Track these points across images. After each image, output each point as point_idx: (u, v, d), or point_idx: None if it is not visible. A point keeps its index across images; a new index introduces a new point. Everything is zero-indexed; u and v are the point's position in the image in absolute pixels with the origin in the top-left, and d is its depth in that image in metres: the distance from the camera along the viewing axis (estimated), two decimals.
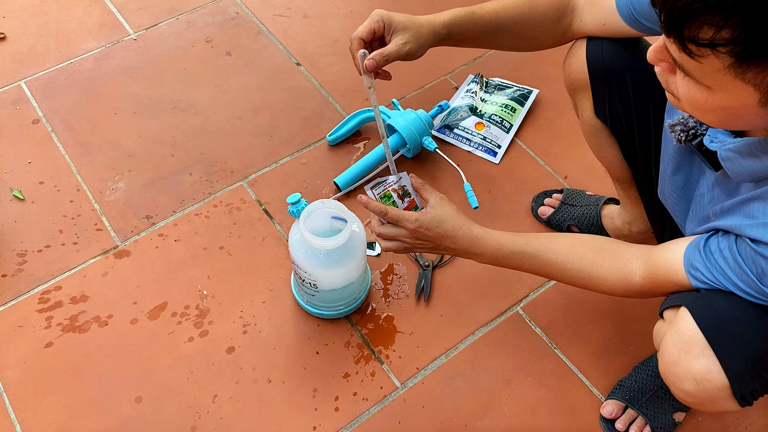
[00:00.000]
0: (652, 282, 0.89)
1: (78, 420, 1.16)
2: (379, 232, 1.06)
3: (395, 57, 1.01)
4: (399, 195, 1.06)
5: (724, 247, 0.78)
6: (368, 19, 1.01)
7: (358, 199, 1.04)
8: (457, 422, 1.17)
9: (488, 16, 1.05)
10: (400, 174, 1.07)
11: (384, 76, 1.04)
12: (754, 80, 0.63)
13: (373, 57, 0.99)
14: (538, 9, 1.04)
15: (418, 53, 1.03)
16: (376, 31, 1.01)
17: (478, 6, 1.06)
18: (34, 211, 1.41)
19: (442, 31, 1.04)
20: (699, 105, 0.70)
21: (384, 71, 1.04)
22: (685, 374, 0.79)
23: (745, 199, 0.77)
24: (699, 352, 0.77)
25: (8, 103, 1.59)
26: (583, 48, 1.07)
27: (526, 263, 1.00)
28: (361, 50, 1.00)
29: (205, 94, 1.63)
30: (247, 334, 1.26)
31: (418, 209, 1.07)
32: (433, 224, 1.01)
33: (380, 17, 1.00)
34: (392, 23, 1.00)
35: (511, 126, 1.57)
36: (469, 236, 1.01)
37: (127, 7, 1.81)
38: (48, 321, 1.26)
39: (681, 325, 0.79)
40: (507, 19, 1.05)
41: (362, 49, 1.00)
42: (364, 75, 1.01)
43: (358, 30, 1.01)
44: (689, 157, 0.93)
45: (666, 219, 1.09)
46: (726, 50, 0.61)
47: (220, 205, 1.43)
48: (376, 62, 0.99)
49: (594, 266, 0.94)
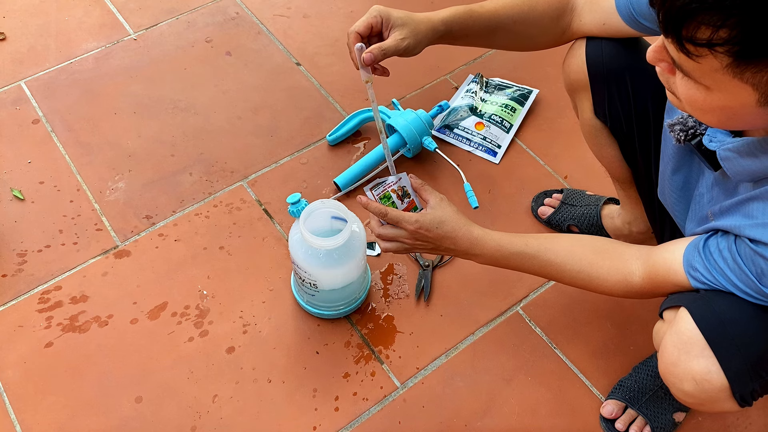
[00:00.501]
0: (651, 282, 0.89)
1: (78, 420, 1.16)
2: (378, 233, 1.06)
3: (393, 52, 0.99)
4: (398, 195, 1.06)
5: (724, 247, 0.78)
6: (366, 15, 1.00)
7: (358, 200, 1.04)
8: (457, 422, 1.17)
9: (487, 14, 1.04)
10: (400, 174, 1.07)
11: (382, 72, 1.03)
12: (752, 80, 0.63)
13: (371, 51, 0.98)
14: (538, 8, 1.04)
15: (416, 49, 1.02)
16: (374, 26, 1.00)
17: (478, 4, 1.05)
18: (34, 211, 1.41)
19: (440, 28, 1.03)
20: (698, 105, 0.70)
21: (382, 67, 1.02)
22: (684, 375, 0.79)
23: (744, 199, 0.77)
24: (698, 353, 0.77)
25: (8, 103, 1.59)
26: (583, 48, 1.07)
27: (526, 264, 1.00)
28: (358, 44, 0.98)
29: (205, 94, 1.63)
30: (247, 334, 1.26)
31: (418, 210, 1.07)
32: (433, 225, 1.01)
33: (378, 12, 1.00)
34: (390, 19, 1.00)
35: (511, 126, 1.57)
36: (469, 237, 1.01)
37: (127, 7, 1.81)
38: (48, 321, 1.26)
39: (680, 326, 0.79)
40: (506, 18, 1.05)
41: (359, 42, 0.99)
42: (362, 69, 1.00)
43: (355, 24, 1.00)
44: (689, 156, 0.93)
45: (666, 219, 1.09)
46: (724, 50, 0.61)
47: (220, 205, 1.43)
48: (373, 56, 0.98)
49: (593, 267, 0.94)
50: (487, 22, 1.05)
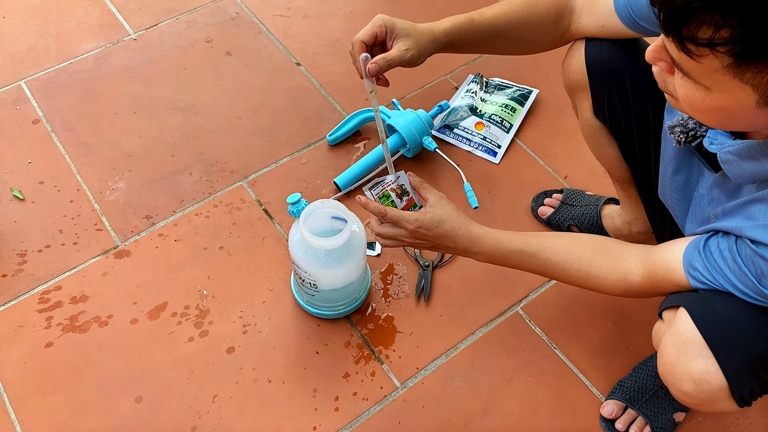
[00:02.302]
0: (651, 282, 0.89)
1: (78, 420, 1.16)
2: (378, 232, 1.06)
3: (398, 63, 1.00)
4: (397, 194, 1.06)
5: (724, 248, 0.78)
6: (371, 23, 1.00)
7: (357, 200, 1.04)
8: (457, 422, 1.17)
9: (487, 22, 1.05)
10: (398, 173, 1.07)
11: (383, 82, 1.04)
12: (752, 80, 0.63)
13: (376, 61, 0.98)
14: (537, 12, 1.04)
15: (419, 60, 1.03)
16: (378, 35, 1.00)
17: (477, 12, 1.06)
18: (34, 211, 1.41)
19: (442, 39, 1.04)
20: (697, 105, 0.70)
21: (383, 77, 1.03)
22: (683, 375, 0.79)
23: (746, 201, 0.77)
24: (697, 353, 0.77)
25: (8, 103, 1.59)
26: (582, 49, 1.07)
27: (525, 262, 1.00)
28: (363, 54, 0.99)
29: (205, 94, 1.63)
30: (247, 334, 1.26)
31: (417, 207, 1.07)
32: (433, 224, 1.01)
33: (383, 22, 1.00)
34: (395, 29, 1.00)
35: (511, 126, 1.57)
36: (469, 236, 1.01)
37: (127, 7, 1.81)
38: (48, 321, 1.26)
39: (679, 326, 0.79)
40: (506, 24, 1.05)
41: (364, 52, 0.99)
42: (366, 79, 1.01)
43: (360, 33, 1.00)
44: (689, 158, 0.93)
45: (666, 219, 1.09)
46: (725, 50, 0.61)
47: (220, 205, 1.43)
48: (379, 67, 0.98)
49: (593, 266, 0.95)
50: (487, 30, 1.05)
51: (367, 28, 1.00)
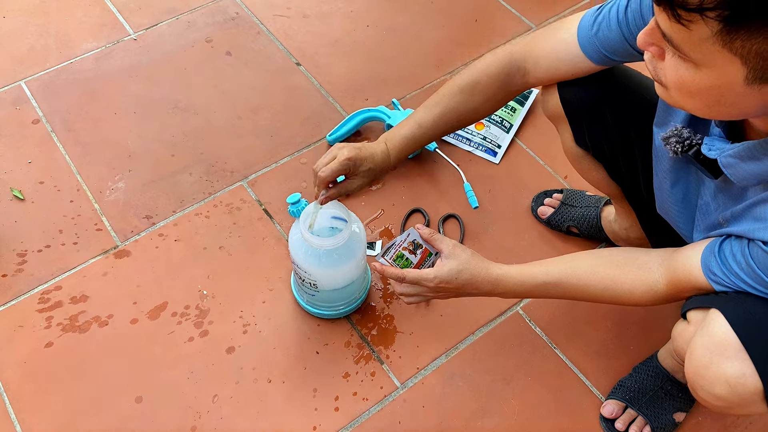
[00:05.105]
0: (675, 288, 0.88)
1: (78, 420, 1.16)
2: (401, 292, 1.05)
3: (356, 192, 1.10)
4: (410, 251, 1.06)
5: (737, 251, 0.78)
6: (337, 161, 1.05)
7: (372, 268, 1.04)
8: (457, 422, 1.17)
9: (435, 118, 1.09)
10: (407, 231, 1.06)
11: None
12: (741, 51, 0.63)
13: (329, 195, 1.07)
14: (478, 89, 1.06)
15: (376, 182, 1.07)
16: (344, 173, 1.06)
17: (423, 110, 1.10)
18: (34, 211, 1.41)
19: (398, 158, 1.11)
20: (686, 87, 0.69)
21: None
22: (716, 378, 0.77)
23: (753, 203, 0.77)
24: (733, 355, 0.76)
25: (8, 103, 1.59)
26: (555, 87, 1.07)
27: (550, 292, 0.99)
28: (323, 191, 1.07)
29: (205, 94, 1.63)
30: (247, 334, 1.26)
31: (432, 255, 1.06)
32: (452, 276, 1.00)
33: (348, 161, 1.05)
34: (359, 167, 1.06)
35: (511, 126, 1.57)
36: (489, 279, 1.00)
37: (127, 7, 1.81)
38: (48, 321, 1.26)
39: (713, 328, 0.78)
40: (454, 113, 1.09)
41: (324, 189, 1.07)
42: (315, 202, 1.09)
43: (326, 168, 1.05)
44: (685, 168, 0.92)
45: (662, 229, 1.07)
46: (714, 15, 0.61)
47: (220, 205, 1.43)
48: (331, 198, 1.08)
49: (617, 283, 0.93)
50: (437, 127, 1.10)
51: (333, 165, 1.05)
